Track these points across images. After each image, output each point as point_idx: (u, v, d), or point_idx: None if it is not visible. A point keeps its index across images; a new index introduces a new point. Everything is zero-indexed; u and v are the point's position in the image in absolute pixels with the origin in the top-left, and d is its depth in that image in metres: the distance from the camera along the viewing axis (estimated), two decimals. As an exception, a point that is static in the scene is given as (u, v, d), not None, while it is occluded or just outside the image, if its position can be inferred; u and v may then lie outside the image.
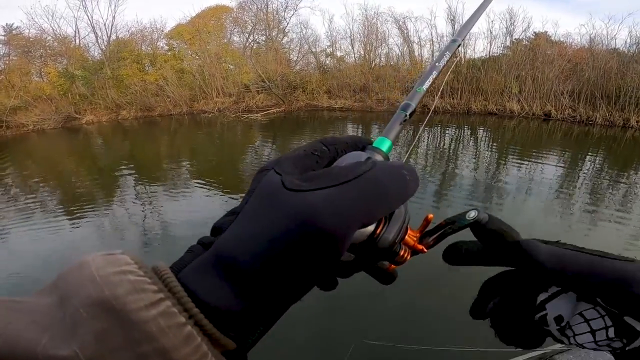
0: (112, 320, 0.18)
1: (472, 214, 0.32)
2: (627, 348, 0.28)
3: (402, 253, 0.30)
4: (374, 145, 0.35)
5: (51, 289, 0.20)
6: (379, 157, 0.33)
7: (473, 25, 0.61)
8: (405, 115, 0.41)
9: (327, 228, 0.22)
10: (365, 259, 0.28)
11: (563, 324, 0.30)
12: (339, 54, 21.27)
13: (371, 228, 0.27)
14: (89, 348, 0.17)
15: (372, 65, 19.90)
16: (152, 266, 0.22)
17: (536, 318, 0.31)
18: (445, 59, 0.50)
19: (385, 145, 0.35)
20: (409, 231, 0.31)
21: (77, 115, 18.02)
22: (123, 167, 10.25)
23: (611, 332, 0.28)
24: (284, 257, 0.22)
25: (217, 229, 0.27)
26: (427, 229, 0.33)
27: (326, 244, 0.22)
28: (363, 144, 0.35)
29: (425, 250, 0.32)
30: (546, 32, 18.23)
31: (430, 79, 0.44)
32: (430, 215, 0.32)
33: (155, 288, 0.19)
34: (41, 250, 5.27)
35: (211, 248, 0.24)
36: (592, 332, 0.28)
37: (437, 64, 0.47)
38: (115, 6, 19.97)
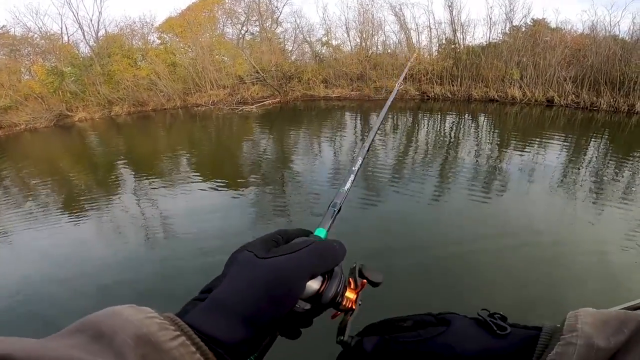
0: (151, 347, 0.27)
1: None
2: None
3: (344, 302, 0.42)
4: (315, 233, 0.49)
5: (75, 331, 0.27)
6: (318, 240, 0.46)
7: (373, 137, 0.78)
8: (335, 210, 0.53)
9: (290, 277, 0.36)
10: (317, 307, 0.40)
11: None
12: (334, 42, 20.79)
13: (316, 286, 0.40)
14: None
15: (369, 53, 19.40)
16: (165, 315, 0.31)
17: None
18: (359, 162, 0.63)
19: (322, 233, 0.49)
20: (348, 289, 0.42)
21: (69, 113, 17.69)
22: (120, 163, 10.04)
23: None
24: (262, 298, 0.34)
25: (207, 290, 0.37)
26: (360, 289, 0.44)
27: (289, 287, 0.36)
28: (307, 233, 0.48)
29: (354, 307, 0.43)
30: (544, 19, 17.75)
31: (350, 181, 0.58)
32: (364, 281, 0.44)
33: (173, 328, 0.29)
34: (46, 248, 5.22)
35: (207, 298, 0.35)
36: None
37: (353, 168, 0.60)
38: (101, 1, 19.49)
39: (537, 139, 10.29)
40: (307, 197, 6.61)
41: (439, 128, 12.91)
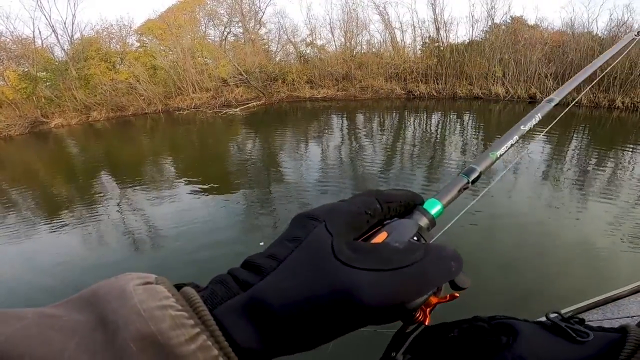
0: (159, 354, 0.20)
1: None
2: None
3: (417, 315, 0.30)
4: (424, 206, 0.34)
5: (85, 304, 0.23)
6: (424, 222, 0.33)
7: (573, 87, 0.52)
8: (467, 182, 0.37)
9: (365, 306, 0.24)
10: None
11: None
12: (319, 42, 20.64)
13: None
14: None
15: (354, 53, 19.32)
16: (183, 293, 0.24)
17: None
18: (534, 121, 0.42)
19: (434, 208, 0.35)
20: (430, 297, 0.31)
21: (44, 120, 17.00)
22: (100, 170, 9.72)
23: None
24: (317, 319, 0.24)
25: (253, 266, 0.27)
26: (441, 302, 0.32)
27: (359, 318, 0.25)
28: (415, 203, 0.35)
29: (425, 320, 0.32)
30: (521, 16, 18.04)
31: (509, 144, 0.40)
32: (457, 294, 0.31)
33: (192, 322, 0.22)
34: (28, 258, 5.08)
35: (249, 291, 0.25)
36: None
37: (521, 127, 0.41)
38: (74, 4, 18.90)
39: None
40: (294, 200, 6.46)
41: (425, 127, 12.88)
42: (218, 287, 0.26)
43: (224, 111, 16.13)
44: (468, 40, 17.99)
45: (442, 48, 18.07)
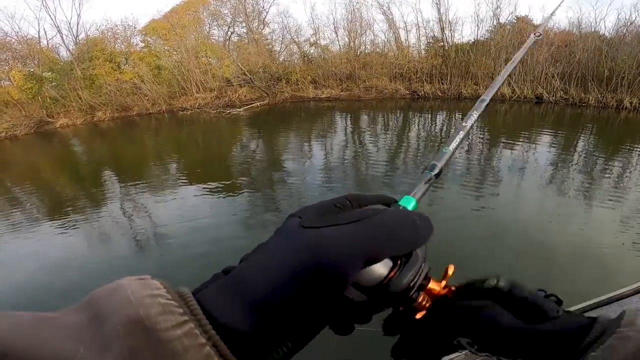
0: (144, 337, 0.21)
1: (492, 282, 0.33)
2: None
3: (420, 300, 0.31)
4: (399, 203, 0.36)
5: (83, 308, 0.23)
6: None
7: (497, 87, 0.60)
8: (431, 175, 0.40)
9: (332, 257, 0.26)
10: (380, 300, 0.29)
11: (476, 347, 0.33)
12: (322, 42, 20.56)
13: (384, 271, 0.28)
14: None
15: (358, 53, 19.22)
16: (177, 290, 0.25)
17: (455, 342, 0.34)
18: (473, 119, 0.48)
19: (410, 204, 0.37)
20: (431, 281, 0.32)
21: (49, 119, 17.12)
22: (105, 170, 9.73)
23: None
24: (294, 282, 0.25)
25: (242, 260, 0.29)
26: (449, 284, 0.34)
27: (331, 272, 0.26)
28: (388, 202, 0.36)
29: (450, 295, 0.33)
30: (527, 16, 17.81)
31: (457, 140, 0.44)
32: (451, 267, 0.33)
33: (180, 311, 0.23)
34: (35, 257, 5.06)
35: (231, 273, 0.27)
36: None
37: (463, 124, 0.46)
38: (79, 5, 19.00)
39: (527, 136, 10.21)
40: (299, 200, 6.40)
41: (430, 127, 12.77)
42: (209, 281, 0.28)
43: (228, 111, 16.12)
44: (473, 40, 17.83)
45: (447, 48, 17.91)
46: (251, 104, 17.27)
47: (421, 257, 0.30)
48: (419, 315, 0.31)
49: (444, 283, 0.33)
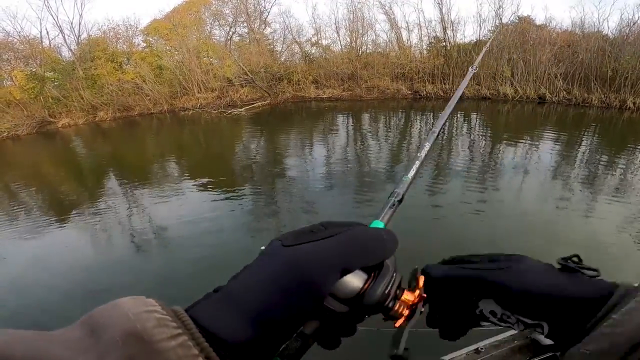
0: (141, 347, 0.22)
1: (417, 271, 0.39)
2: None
3: (396, 308, 0.34)
4: (370, 226, 0.40)
5: (81, 325, 0.25)
6: None
7: (447, 116, 0.67)
8: (395, 201, 0.45)
9: (311, 268, 0.30)
10: (358, 310, 0.33)
11: (498, 316, 0.37)
12: (324, 42, 20.53)
13: (359, 284, 0.32)
14: None
15: (360, 53, 19.17)
16: (171, 308, 0.27)
17: (477, 312, 0.38)
18: (426, 149, 0.55)
19: (379, 226, 0.41)
20: (405, 292, 0.36)
21: (51, 119, 17.16)
22: (107, 170, 9.74)
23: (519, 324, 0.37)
24: (274, 291, 0.29)
25: (231, 280, 0.32)
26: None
27: (311, 280, 0.30)
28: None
29: (412, 313, 0.36)
30: (528, 16, 17.73)
31: (415, 168, 0.50)
32: (422, 278, 0.38)
33: (174, 324, 0.25)
34: (36, 256, 5.07)
35: (221, 290, 0.31)
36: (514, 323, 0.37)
37: (419, 155, 0.53)
38: (81, 5, 19.02)
39: (529, 136, 10.15)
40: (300, 199, 6.40)
41: (432, 127, 12.69)
42: (200, 299, 0.30)
43: (229, 111, 16.11)
44: (475, 40, 17.75)
45: (449, 48, 17.85)
46: (252, 104, 17.25)
47: (392, 269, 0.34)
48: (397, 324, 0.35)
49: (417, 292, 0.36)
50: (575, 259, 0.37)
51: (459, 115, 14.37)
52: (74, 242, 5.51)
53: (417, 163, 0.51)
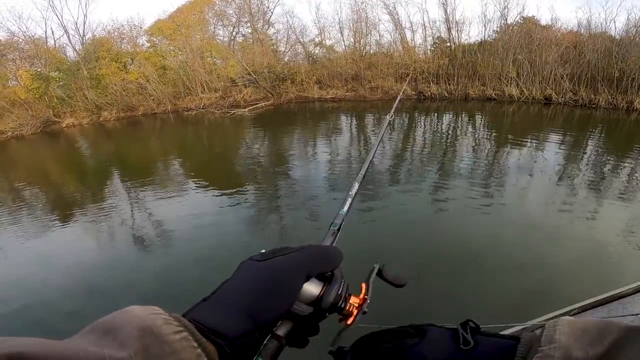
0: (154, 339, 0.29)
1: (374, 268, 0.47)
2: None
3: (347, 308, 0.43)
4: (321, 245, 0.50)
5: (90, 331, 0.30)
6: None
7: (370, 160, 0.76)
8: (335, 229, 0.54)
9: (285, 274, 0.39)
10: (318, 312, 0.41)
11: None
12: (328, 42, 20.46)
13: (316, 291, 0.42)
14: (139, 354, 0.28)
15: (363, 53, 19.09)
16: (171, 314, 0.33)
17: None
18: (355, 189, 0.63)
19: None
20: (352, 296, 0.44)
21: (56, 119, 17.25)
22: (111, 169, 9.78)
23: None
24: (260, 293, 0.37)
25: (215, 291, 0.40)
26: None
27: (285, 283, 0.39)
28: None
29: (367, 300, 0.44)
30: (533, 16, 17.54)
31: (348, 204, 0.59)
32: (364, 285, 0.45)
33: (177, 323, 0.32)
34: (40, 256, 5.09)
35: (211, 296, 0.38)
36: None
37: (350, 193, 0.62)
38: (86, 5, 19.14)
39: (536, 138, 10.01)
40: (303, 200, 6.35)
41: (436, 128, 12.59)
42: (194, 306, 0.37)
43: (233, 111, 16.10)
44: (480, 40, 17.60)
45: (453, 48, 17.70)
46: (256, 104, 17.23)
47: (340, 277, 0.43)
48: (349, 321, 0.43)
49: (361, 296, 0.44)
50: (471, 324, 0.40)
51: (463, 116, 14.24)
52: (78, 241, 5.51)
53: (349, 200, 0.60)
